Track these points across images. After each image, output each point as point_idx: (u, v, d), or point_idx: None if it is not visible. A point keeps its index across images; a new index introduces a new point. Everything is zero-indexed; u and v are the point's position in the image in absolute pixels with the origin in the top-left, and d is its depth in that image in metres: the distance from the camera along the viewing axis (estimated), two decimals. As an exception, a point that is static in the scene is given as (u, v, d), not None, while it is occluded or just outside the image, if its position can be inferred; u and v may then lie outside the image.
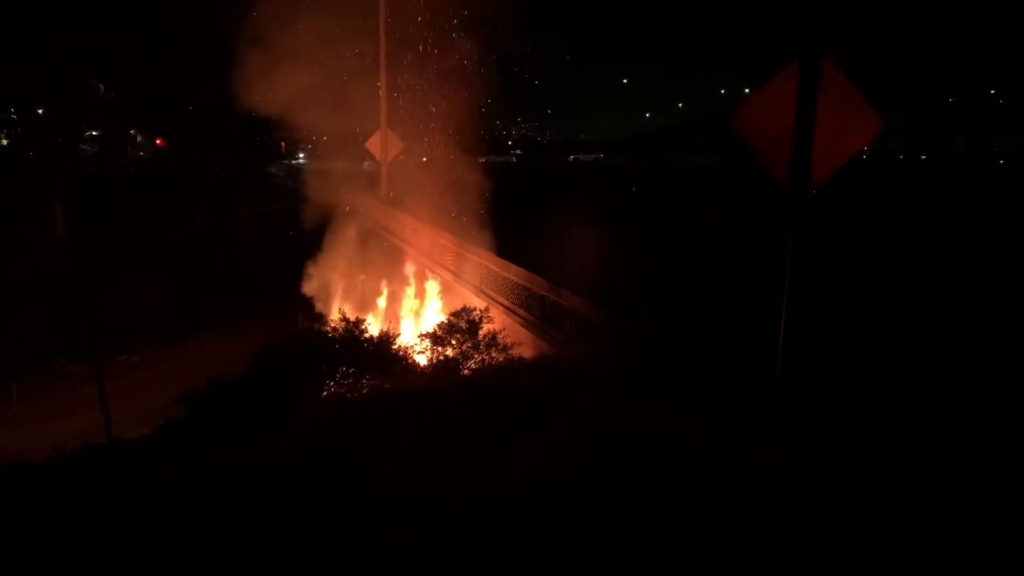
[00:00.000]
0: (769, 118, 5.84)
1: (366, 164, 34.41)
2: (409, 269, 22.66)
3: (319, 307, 24.80)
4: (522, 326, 13.71)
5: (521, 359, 12.19)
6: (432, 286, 20.88)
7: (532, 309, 13.59)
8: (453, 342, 12.73)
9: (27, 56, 30.45)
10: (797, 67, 5.65)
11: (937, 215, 29.86)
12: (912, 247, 21.38)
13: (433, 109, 24.15)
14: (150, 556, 5.58)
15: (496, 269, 15.45)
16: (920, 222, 27.60)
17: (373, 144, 25.47)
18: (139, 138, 49.29)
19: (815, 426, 6.21)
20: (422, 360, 12.80)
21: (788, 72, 5.70)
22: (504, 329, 13.26)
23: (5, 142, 42.91)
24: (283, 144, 64.70)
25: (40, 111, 37.48)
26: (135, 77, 34.89)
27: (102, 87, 39.68)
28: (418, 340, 13.26)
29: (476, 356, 12.42)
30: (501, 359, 12.28)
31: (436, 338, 12.87)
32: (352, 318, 13.52)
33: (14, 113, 40.17)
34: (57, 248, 30.04)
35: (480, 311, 13.23)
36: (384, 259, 24.23)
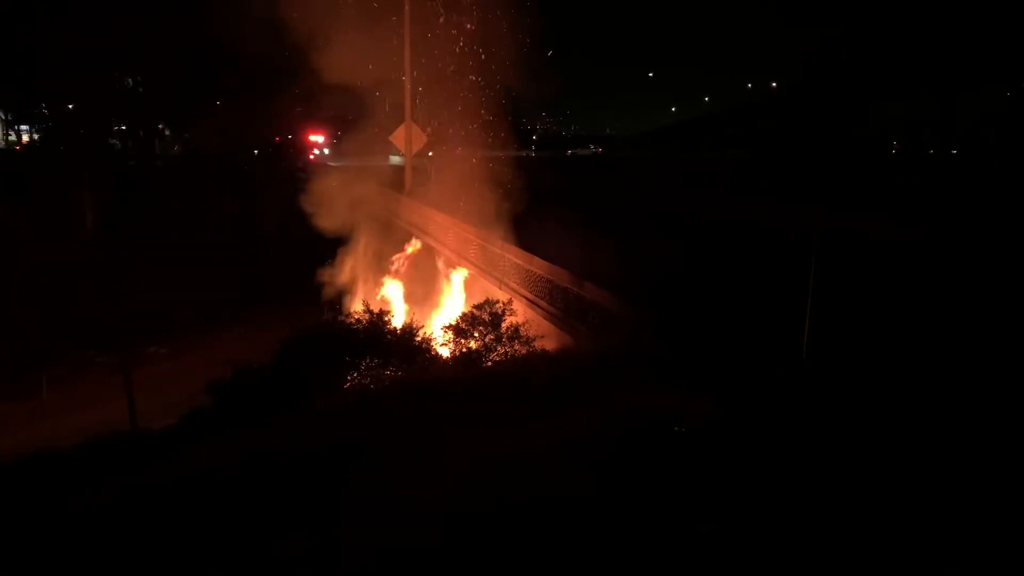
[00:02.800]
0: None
1: (393, 159, 34.51)
2: (433, 262, 22.71)
3: (344, 299, 24.92)
4: (545, 318, 13.64)
5: (544, 351, 12.14)
6: (455, 278, 20.90)
7: (555, 301, 13.51)
8: (476, 334, 12.68)
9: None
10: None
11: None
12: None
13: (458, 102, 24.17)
14: (157, 543, 5.66)
15: (519, 262, 15.35)
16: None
17: (398, 137, 25.59)
18: (167, 132, 49.59)
19: (824, 404, 6.22)
20: (445, 352, 12.76)
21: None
22: (527, 321, 13.20)
23: (36, 136, 43.50)
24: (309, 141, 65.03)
25: (71, 106, 37.82)
26: (157, 77, 35.22)
27: (130, 81, 40.03)
28: (441, 332, 13.24)
29: (499, 348, 12.34)
30: (524, 351, 12.20)
31: (459, 330, 12.82)
32: (376, 310, 13.55)
33: (45, 108, 40.63)
34: (87, 241, 30.38)
35: (503, 303, 13.13)
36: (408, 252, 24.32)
